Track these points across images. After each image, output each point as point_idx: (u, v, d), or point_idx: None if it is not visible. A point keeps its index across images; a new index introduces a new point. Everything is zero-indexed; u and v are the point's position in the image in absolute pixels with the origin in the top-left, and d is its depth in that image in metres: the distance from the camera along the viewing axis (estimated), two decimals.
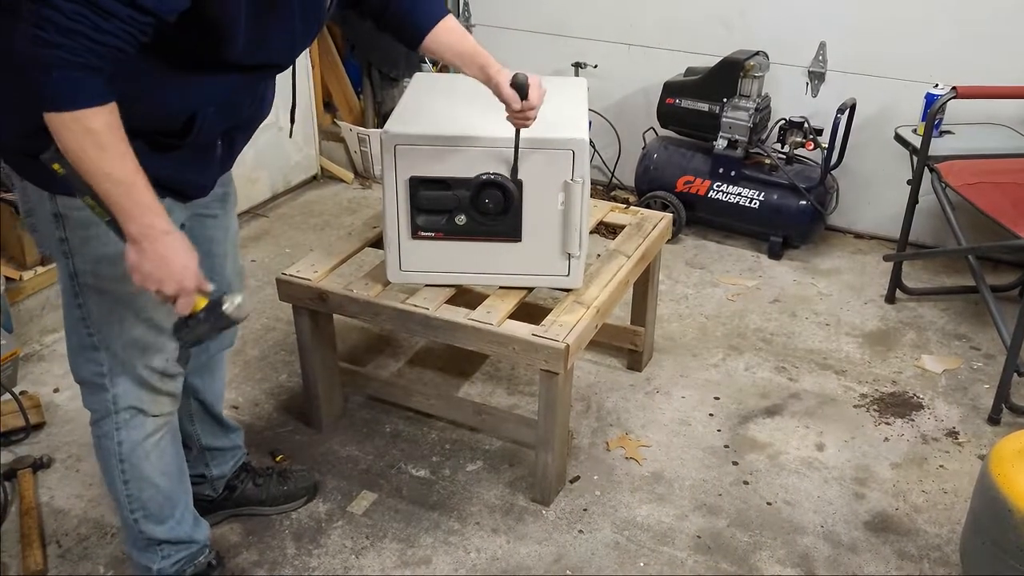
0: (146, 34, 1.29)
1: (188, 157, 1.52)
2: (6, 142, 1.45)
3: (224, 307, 1.44)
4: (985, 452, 2.38)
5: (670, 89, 3.41)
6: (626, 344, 2.68)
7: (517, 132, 1.88)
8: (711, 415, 2.53)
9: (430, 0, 1.81)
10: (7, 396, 2.39)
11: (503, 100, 1.80)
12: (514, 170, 1.95)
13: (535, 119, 1.84)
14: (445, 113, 1.98)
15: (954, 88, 2.75)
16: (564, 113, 2.07)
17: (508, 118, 1.84)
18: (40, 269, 2.73)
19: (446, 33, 1.80)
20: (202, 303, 1.44)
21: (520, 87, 1.78)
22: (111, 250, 1.47)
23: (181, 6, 1.29)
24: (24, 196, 1.52)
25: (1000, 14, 3.05)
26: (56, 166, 1.35)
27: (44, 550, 2.03)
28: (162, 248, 1.37)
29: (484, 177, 1.96)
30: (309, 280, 2.17)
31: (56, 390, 2.58)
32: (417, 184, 1.99)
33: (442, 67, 3.71)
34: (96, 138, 1.28)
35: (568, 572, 2.02)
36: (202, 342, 1.49)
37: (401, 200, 2.01)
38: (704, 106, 3.33)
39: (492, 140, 1.94)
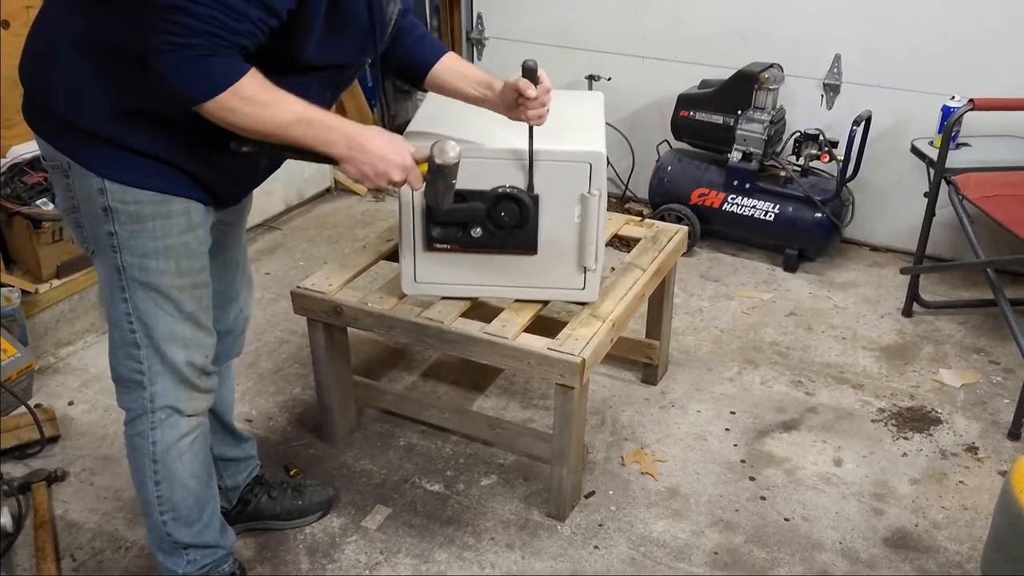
0: (266, 35, 1.36)
1: (240, 163, 1.55)
2: (88, 127, 1.45)
3: (437, 161, 1.57)
4: (1006, 468, 2.35)
5: (684, 101, 3.40)
6: (641, 358, 2.66)
7: (531, 145, 1.88)
8: (727, 429, 2.51)
9: (430, 39, 1.90)
10: (22, 409, 2.40)
11: (519, 90, 1.78)
12: (530, 184, 1.95)
13: (548, 106, 1.84)
14: (461, 126, 1.98)
15: (971, 100, 2.73)
16: (581, 126, 2.07)
17: (523, 111, 1.82)
18: (55, 282, 2.74)
19: (449, 61, 1.88)
20: (424, 167, 1.58)
21: (531, 72, 1.78)
22: (159, 244, 1.52)
23: (291, 5, 1.37)
24: (68, 193, 1.53)
25: (1017, 25, 3.03)
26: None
27: (58, 564, 2.02)
28: (370, 147, 1.50)
29: (500, 190, 1.95)
30: (323, 293, 2.17)
31: (71, 403, 2.58)
32: None
33: None
34: (256, 101, 1.37)
35: None
36: (445, 201, 1.65)
37: (416, 212, 2.01)
38: (718, 118, 3.32)
39: (509, 153, 1.93)
